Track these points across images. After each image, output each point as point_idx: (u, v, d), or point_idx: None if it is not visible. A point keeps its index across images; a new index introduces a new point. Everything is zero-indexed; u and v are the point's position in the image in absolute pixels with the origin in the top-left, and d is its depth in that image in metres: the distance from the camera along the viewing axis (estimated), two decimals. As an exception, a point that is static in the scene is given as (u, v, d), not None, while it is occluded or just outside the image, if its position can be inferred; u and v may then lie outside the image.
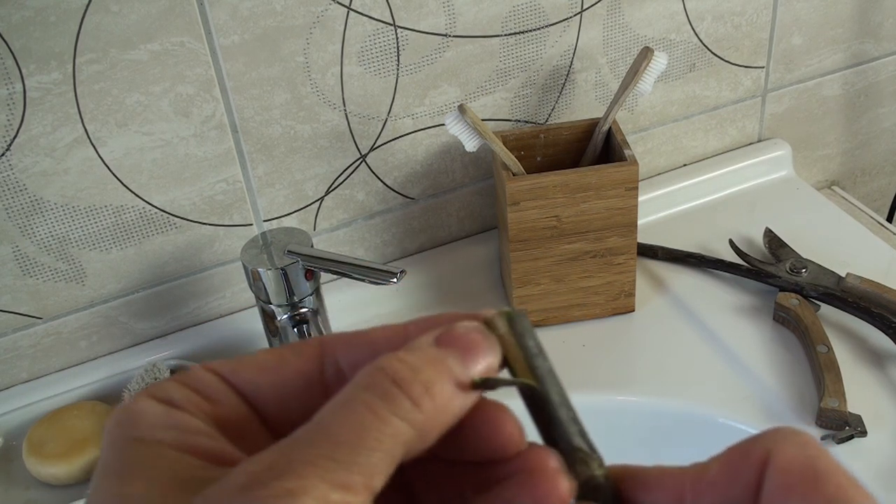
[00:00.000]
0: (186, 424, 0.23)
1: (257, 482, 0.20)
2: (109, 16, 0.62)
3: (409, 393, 0.22)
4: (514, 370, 0.25)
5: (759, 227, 0.85)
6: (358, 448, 0.21)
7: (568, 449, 0.25)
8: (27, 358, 0.73)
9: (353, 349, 0.26)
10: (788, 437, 0.23)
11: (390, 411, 0.22)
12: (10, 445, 0.72)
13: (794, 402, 0.69)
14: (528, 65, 0.79)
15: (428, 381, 0.23)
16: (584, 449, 0.25)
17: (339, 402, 0.22)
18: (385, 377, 0.23)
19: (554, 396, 0.25)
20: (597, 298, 0.77)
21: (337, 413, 0.22)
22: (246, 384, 0.25)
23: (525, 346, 0.25)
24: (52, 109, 0.64)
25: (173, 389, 0.24)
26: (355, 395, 0.22)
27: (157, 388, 0.24)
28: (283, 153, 0.73)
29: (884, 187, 1.09)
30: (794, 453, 0.23)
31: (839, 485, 0.22)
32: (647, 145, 0.89)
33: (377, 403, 0.22)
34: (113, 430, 0.23)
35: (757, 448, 0.23)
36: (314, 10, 0.68)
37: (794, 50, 0.91)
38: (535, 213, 0.71)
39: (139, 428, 0.23)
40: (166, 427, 0.23)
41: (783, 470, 0.22)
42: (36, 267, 0.70)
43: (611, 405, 0.71)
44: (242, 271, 0.71)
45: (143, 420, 0.23)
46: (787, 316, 0.75)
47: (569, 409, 0.25)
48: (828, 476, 0.22)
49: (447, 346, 0.24)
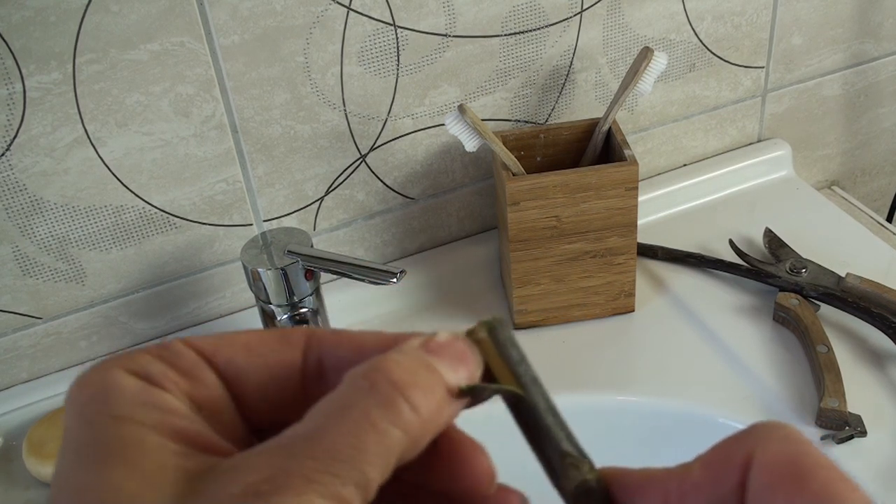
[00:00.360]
0: (166, 404, 0.22)
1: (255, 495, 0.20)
2: (109, 16, 0.62)
3: (407, 397, 0.22)
4: (498, 379, 0.25)
5: (759, 227, 0.85)
6: (356, 462, 0.21)
7: (557, 455, 0.25)
8: (27, 358, 0.73)
9: (341, 349, 0.25)
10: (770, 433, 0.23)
11: (390, 421, 0.22)
12: (10, 445, 0.72)
13: (794, 402, 0.69)
14: (528, 65, 0.79)
15: (425, 385, 0.23)
16: (573, 454, 0.25)
17: (337, 406, 0.22)
18: (383, 379, 0.22)
19: (539, 403, 0.25)
20: (597, 298, 0.77)
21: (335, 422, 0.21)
22: (227, 364, 0.24)
23: (507, 354, 0.25)
24: (52, 109, 0.64)
25: (149, 363, 0.23)
26: (354, 401, 0.22)
27: (130, 360, 0.23)
28: (283, 153, 0.73)
29: (884, 187, 1.09)
30: (776, 450, 0.22)
31: (824, 481, 0.21)
32: (647, 145, 0.89)
33: (377, 413, 0.22)
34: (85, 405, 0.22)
35: (739, 448, 0.23)
36: (314, 10, 0.68)
37: (794, 50, 0.91)
38: (535, 213, 0.71)
39: (116, 405, 0.21)
40: (145, 406, 0.22)
41: (766, 469, 0.22)
42: (36, 267, 0.70)
43: (611, 405, 0.72)
44: (242, 271, 0.71)
45: (121, 397, 0.22)
46: (787, 316, 0.75)
47: (555, 414, 0.25)
48: (812, 473, 0.22)
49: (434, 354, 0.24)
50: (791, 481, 0.22)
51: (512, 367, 0.25)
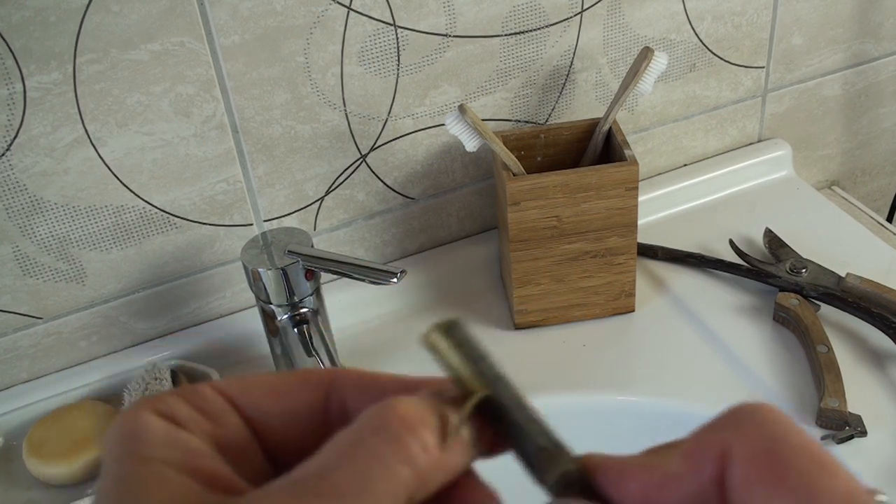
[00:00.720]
0: (189, 445, 0.23)
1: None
2: (110, 16, 0.62)
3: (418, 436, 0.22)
4: (462, 381, 0.25)
5: (759, 227, 0.85)
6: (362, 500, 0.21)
7: (533, 451, 0.24)
8: (27, 358, 0.73)
9: (364, 394, 0.25)
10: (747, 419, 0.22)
11: (398, 459, 0.22)
12: (10, 445, 0.72)
13: (794, 402, 0.69)
14: (528, 65, 0.79)
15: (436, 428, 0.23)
16: (548, 448, 0.24)
17: (347, 444, 0.22)
18: (395, 417, 0.22)
19: (507, 401, 0.24)
20: (597, 298, 0.77)
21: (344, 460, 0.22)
22: (252, 407, 0.25)
23: (466, 355, 0.25)
24: (53, 109, 0.64)
25: (177, 406, 0.24)
26: (363, 439, 0.22)
27: (159, 402, 0.24)
28: (283, 153, 0.73)
29: (884, 187, 1.09)
30: (751, 439, 0.22)
31: (801, 471, 0.21)
32: (647, 145, 0.89)
33: (385, 450, 0.22)
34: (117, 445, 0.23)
35: (715, 439, 0.23)
36: (314, 10, 0.68)
37: (794, 50, 0.91)
38: (536, 213, 0.71)
39: (143, 445, 0.23)
40: (170, 446, 0.23)
41: (742, 462, 0.22)
42: (36, 267, 0.70)
43: (611, 405, 0.72)
44: (242, 271, 0.71)
45: (148, 437, 0.23)
46: (787, 316, 0.75)
47: (526, 409, 0.25)
48: (790, 462, 0.21)
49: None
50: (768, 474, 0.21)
51: (473, 367, 0.25)
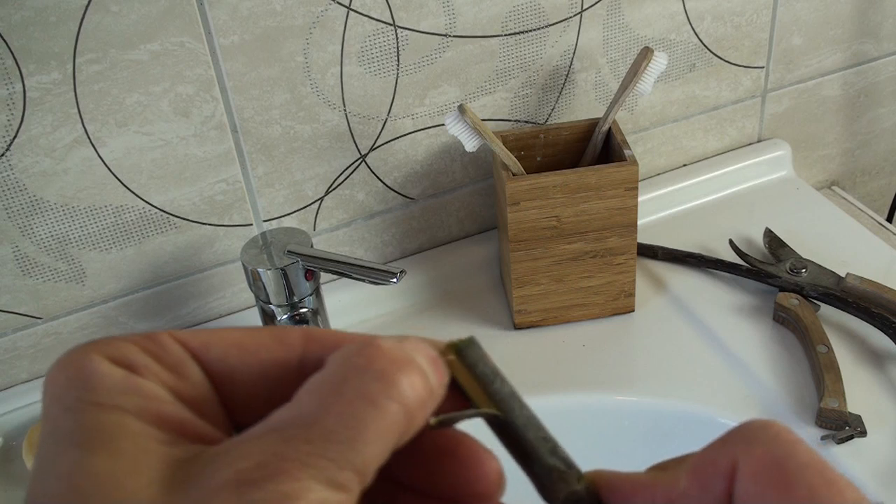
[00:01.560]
0: (149, 391, 0.21)
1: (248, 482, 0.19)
2: (109, 16, 0.62)
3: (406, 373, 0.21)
4: (473, 399, 0.25)
5: (759, 227, 0.85)
6: (354, 444, 0.20)
7: (543, 470, 0.24)
8: (27, 358, 0.73)
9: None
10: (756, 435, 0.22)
11: (389, 396, 0.21)
12: (10, 445, 0.72)
13: (794, 402, 0.69)
14: (528, 65, 0.79)
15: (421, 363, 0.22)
16: (559, 467, 0.24)
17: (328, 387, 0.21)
18: (381, 356, 0.22)
19: (518, 420, 0.25)
20: (597, 298, 0.77)
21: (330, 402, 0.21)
22: (216, 362, 0.23)
23: (479, 374, 0.25)
24: (52, 109, 0.64)
25: (132, 353, 0.22)
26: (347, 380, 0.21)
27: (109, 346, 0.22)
28: (282, 153, 0.73)
29: (884, 187, 1.09)
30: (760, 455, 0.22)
31: (811, 486, 0.21)
32: (647, 145, 0.89)
33: (375, 388, 0.21)
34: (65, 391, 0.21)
35: (724, 454, 0.22)
36: (314, 10, 0.68)
37: (793, 50, 0.91)
38: (535, 213, 0.71)
39: (97, 392, 0.20)
40: (127, 393, 0.21)
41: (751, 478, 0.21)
42: (36, 267, 0.70)
43: (611, 405, 0.72)
44: (242, 271, 0.71)
45: (101, 383, 0.21)
46: (787, 316, 0.75)
47: (537, 428, 0.25)
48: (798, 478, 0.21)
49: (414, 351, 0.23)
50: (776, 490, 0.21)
51: (485, 387, 0.25)
